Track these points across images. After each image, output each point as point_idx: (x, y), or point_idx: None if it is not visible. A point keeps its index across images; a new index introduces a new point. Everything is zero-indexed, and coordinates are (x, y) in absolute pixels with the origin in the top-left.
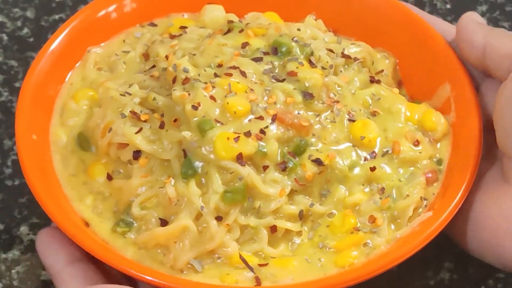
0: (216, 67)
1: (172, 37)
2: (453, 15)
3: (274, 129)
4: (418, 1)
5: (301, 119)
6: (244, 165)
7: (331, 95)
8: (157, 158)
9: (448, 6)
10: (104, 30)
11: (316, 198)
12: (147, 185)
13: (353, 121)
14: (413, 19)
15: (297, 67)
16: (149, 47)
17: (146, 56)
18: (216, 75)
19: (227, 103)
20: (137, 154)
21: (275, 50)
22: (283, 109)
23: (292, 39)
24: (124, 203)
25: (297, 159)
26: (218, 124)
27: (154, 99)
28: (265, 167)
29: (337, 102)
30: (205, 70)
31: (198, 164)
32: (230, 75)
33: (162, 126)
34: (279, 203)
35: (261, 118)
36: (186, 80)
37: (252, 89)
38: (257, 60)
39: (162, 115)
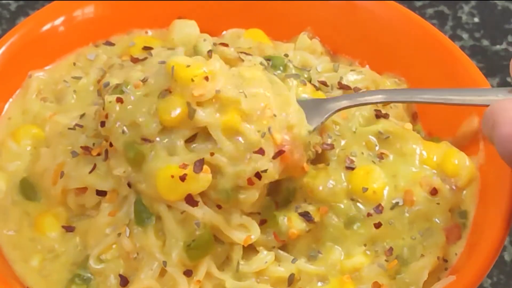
0: None
1: (135, 60)
2: (482, 31)
3: (272, 171)
4: (439, 13)
5: (304, 157)
6: (197, 205)
7: (329, 140)
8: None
9: (476, 19)
10: (49, 50)
11: (303, 258)
12: (113, 225)
13: (353, 168)
14: (433, 36)
15: (301, 88)
16: (105, 73)
17: None
18: None
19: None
20: (102, 191)
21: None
22: (291, 139)
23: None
24: (90, 246)
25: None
26: (148, 145)
27: (103, 125)
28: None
29: (332, 146)
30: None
31: (147, 202)
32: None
33: (106, 156)
34: (265, 264)
35: (261, 151)
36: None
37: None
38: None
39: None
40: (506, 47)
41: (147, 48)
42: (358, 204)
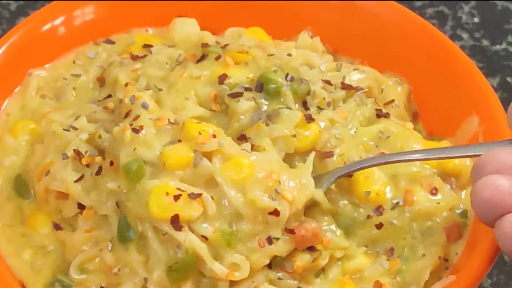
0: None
1: (134, 58)
2: (482, 31)
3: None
4: (439, 13)
5: (316, 228)
6: (180, 229)
7: (329, 144)
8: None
9: (476, 19)
10: (49, 49)
11: (306, 279)
12: (91, 242)
13: (351, 176)
14: (433, 36)
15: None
16: (105, 70)
17: (101, 81)
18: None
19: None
20: (82, 205)
21: (260, 86)
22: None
23: (286, 77)
24: (68, 259)
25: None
26: (150, 170)
27: (100, 137)
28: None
29: (331, 154)
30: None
31: (132, 221)
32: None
33: (99, 171)
34: (252, 284)
35: (276, 213)
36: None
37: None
38: (236, 95)
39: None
40: (506, 47)
41: (147, 46)
42: (360, 208)
